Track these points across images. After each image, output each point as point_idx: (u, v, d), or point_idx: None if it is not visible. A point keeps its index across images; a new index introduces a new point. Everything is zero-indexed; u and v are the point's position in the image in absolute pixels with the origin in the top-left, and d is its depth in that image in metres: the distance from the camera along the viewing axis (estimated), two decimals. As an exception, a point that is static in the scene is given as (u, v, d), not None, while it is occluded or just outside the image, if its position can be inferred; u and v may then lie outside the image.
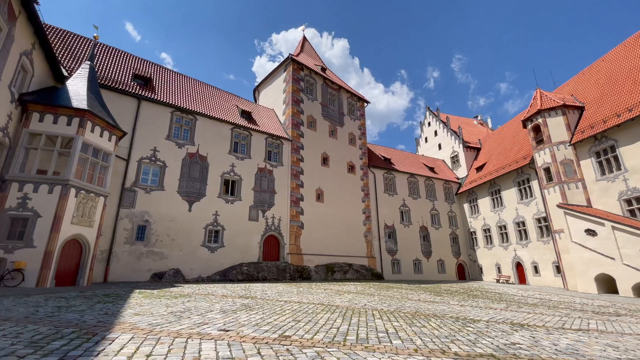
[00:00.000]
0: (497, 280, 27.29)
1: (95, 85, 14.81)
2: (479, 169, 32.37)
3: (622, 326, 7.26)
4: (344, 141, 28.31)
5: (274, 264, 20.39)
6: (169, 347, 3.57)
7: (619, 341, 5.47)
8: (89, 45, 19.22)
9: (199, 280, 17.35)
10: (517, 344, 4.82)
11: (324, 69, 30.84)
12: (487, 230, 29.83)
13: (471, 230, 31.94)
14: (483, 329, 5.96)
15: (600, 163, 19.56)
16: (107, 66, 18.86)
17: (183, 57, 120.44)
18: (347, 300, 10.10)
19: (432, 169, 35.04)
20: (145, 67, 21.48)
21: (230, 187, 20.46)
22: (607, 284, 17.77)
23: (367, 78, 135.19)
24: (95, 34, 16.89)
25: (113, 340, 3.78)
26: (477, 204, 31.27)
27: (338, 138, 27.90)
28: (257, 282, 18.02)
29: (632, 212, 17.69)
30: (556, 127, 21.82)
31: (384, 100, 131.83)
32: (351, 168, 27.96)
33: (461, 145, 36.42)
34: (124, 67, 19.82)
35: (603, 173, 19.37)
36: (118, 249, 15.72)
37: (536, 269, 24.28)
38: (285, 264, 20.89)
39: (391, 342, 4.41)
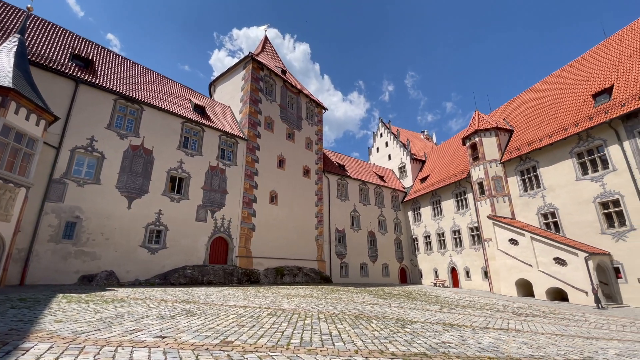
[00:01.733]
0: (434, 284, 29.42)
1: (24, 61, 12.98)
2: (423, 180, 34.79)
3: (536, 326, 8.32)
4: (300, 145, 28.44)
5: (220, 267, 19.60)
6: (94, 357, 3.27)
7: (533, 339, 6.25)
8: (21, 16, 16.84)
9: (136, 283, 15.98)
10: (447, 342, 5.27)
11: (284, 72, 30.75)
12: (427, 237, 32.07)
13: (414, 236, 34.08)
14: (419, 330, 6.41)
15: (523, 181, 22.28)
16: (41, 42, 16.64)
17: (132, 40, 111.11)
18: (294, 303, 10.12)
19: (381, 178, 36.77)
20: (87, 48, 19.41)
21: (177, 185, 19.25)
22: (526, 288, 20.20)
23: (327, 85, 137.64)
24: (29, 5, 14.75)
25: (27, 350, 3.35)
26: (420, 212, 33.50)
27: (295, 141, 27.94)
28: (202, 286, 17.17)
29: (547, 225, 20.40)
30: (490, 146, 24.43)
31: (342, 108, 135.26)
32: (307, 172, 28.16)
33: (409, 157, 38.84)
34: (61, 45, 17.67)
35: (525, 190, 22.08)
36: (40, 248, 13.82)
37: (468, 274, 26.70)
38: (233, 267, 20.21)
39: (334, 345, 4.55)
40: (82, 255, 14.85)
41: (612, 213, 16.92)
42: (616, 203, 16.75)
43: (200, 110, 22.33)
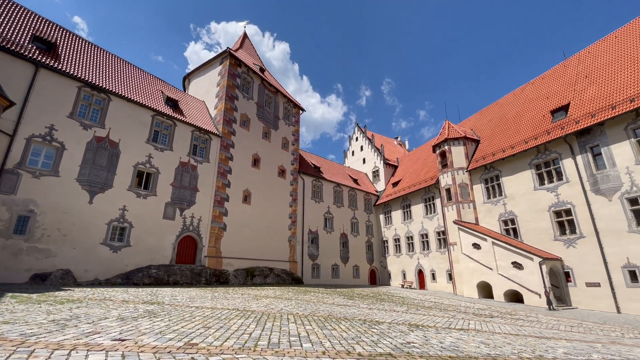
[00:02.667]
0: (402, 286, 30.28)
1: (-28, 38, 11.87)
2: (395, 184, 35.75)
3: (494, 326, 8.80)
4: (277, 145, 28.21)
5: (188, 267, 18.96)
6: (45, 361, 3.06)
7: (490, 339, 6.59)
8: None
9: (95, 283, 15.07)
10: (412, 343, 5.45)
11: (262, 70, 30.40)
12: (397, 240, 32.97)
13: (384, 239, 34.90)
14: (385, 330, 6.57)
15: (487, 188, 23.54)
16: (-4, 20, 15.30)
17: (102, 25, 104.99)
18: (264, 305, 10.01)
19: (355, 181, 37.34)
20: (50, 30, 18.09)
21: (144, 180, 18.40)
22: (486, 290, 21.32)
23: (305, 85, 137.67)
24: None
25: (-35, 357, 3.07)
26: (391, 216, 34.38)
27: (271, 141, 27.68)
28: (168, 286, 16.52)
29: (507, 231, 21.68)
30: (458, 155, 25.60)
31: (320, 110, 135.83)
32: (282, 172, 27.98)
33: (382, 161, 39.77)
34: (21, 26, 16.31)
35: (489, 197, 23.34)
36: (-16, 244, 12.67)
37: (434, 276, 27.74)
38: (202, 267, 19.62)
39: (302, 346, 4.56)
40: (35, 252, 13.78)
41: (565, 221, 18.31)
42: (568, 212, 18.15)
43: (172, 103, 21.53)
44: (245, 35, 33.86)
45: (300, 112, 32.36)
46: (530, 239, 19.87)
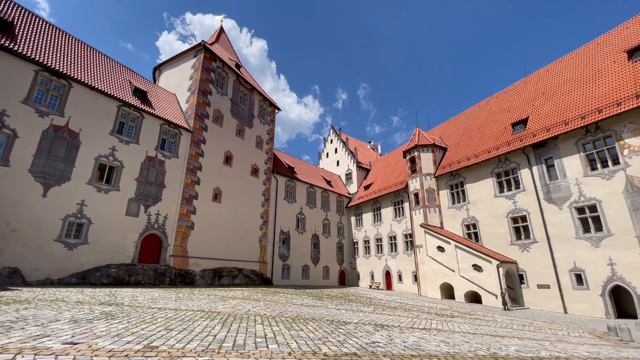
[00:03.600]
0: (370, 286, 30.93)
1: None
2: (367, 187, 36.50)
3: (454, 325, 9.23)
4: (251, 143, 27.76)
5: (151, 266, 18.12)
6: (-15, 368, 2.82)
7: (450, 338, 6.91)
8: None
9: (47, 283, 13.96)
10: (377, 342, 5.60)
11: (238, 66, 29.82)
12: (367, 242, 33.64)
13: (354, 240, 35.47)
14: (352, 330, 6.70)
15: (452, 194, 24.69)
16: None
17: (65, 6, 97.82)
18: (231, 306, 9.82)
19: (329, 182, 37.66)
20: (7, 8, 16.59)
21: (106, 174, 17.36)
22: (448, 291, 22.32)
23: (282, 85, 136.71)
24: None
25: None
26: (361, 218, 35.03)
27: (245, 139, 27.19)
28: (129, 286, 15.67)
29: (469, 235, 22.84)
30: (426, 161, 26.65)
31: (297, 110, 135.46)
32: (255, 171, 27.56)
33: (355, 164, 40.46)
34: (-33, -2, 14.84)
35: (454, 202, 24.48)
36: None
37: (400, 277, 28.60)
38: (166, 267, 18.83)
39: (267, 347, 4.54)
40: (-25, 248, 12.53)
41: (520, 227, 19.63)
42: (524, 219, 19.49)
43: (140, 94, 20.52)
44: (221, 29, 33.05)
45: (276, 111, 32.10)
46: (490, 242, 21.09)
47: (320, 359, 4.08)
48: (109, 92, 17.89)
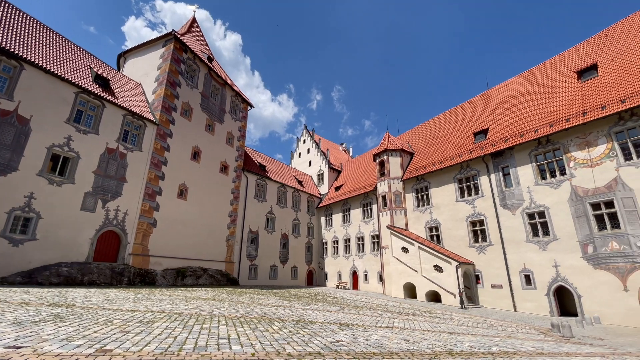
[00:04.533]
0: (337, 286, 31.33)
1: None
2: (338, 188, 36.97)
3: (415, 324, 9.61)
4: (221, 139, 27.01)
5: (108, 265, 17.04)
6: None
7: (410, 335, 7.19)
8: None
9: (-18, 283, 12.65)
10: (341, 341, 5.71)
11: (210, 59, 28.93)
12: (335, 242, 34.06)
13: (324, 240, 35.77)
14: (317, 330, 6.76)
15: (417, 198, 25.71)
16: None
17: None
18: (193, 307, 9.51)
19: (300, 182, 37.64)
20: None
21: (60, 165, 16.06)
22: (411, 291, 23.19)
23: (256, 81, 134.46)
24: None
25: None
26: (331, 218, 35.41)
27: (215, 134, 26.42)
28: (82, 287, 14.63)
29: (431, 237, 23.90)
30: (395, 165, 27.54)
31: (271, 108, 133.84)
32: (224, 168, 26.86)
33: (327, 165, 40.82)
34: None
35: (418, 205, 25.51)
36: None
37: (366, 277, 29.27)
38: (125, 266, 17.80)
39: (230, 348, 4.47)
40: None
41: (478, 231, 20.88)
42: (481, 223, 20.75)
43: (102, 82, 19.26)
44: (194, 20, 31.88)
45: (249, 107, 31.52)
46: (450, 244, 22.22)
47: (284, 359, 4.09)
48: (67, 77, 16.59)
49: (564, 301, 17.10)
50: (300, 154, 46.98)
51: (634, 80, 15.77)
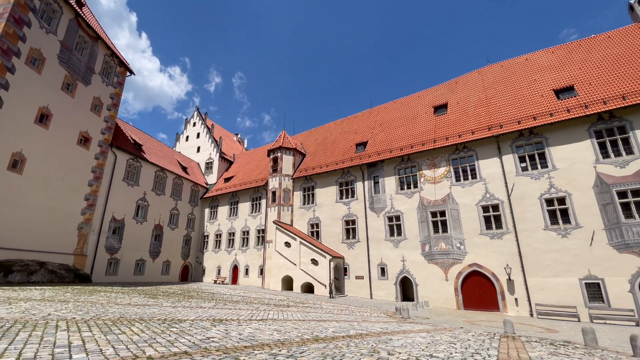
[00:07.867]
0: (215, 281, 30.13)
1: None
2: (227, 180, 35.55)
3: (288, 314, 10.22)
4: (84, 104, 22.05)
5: None
6: None
7: (283, 326, 7.59)
8: None
9: None
10: (212, 338, 5.59)
11: (81, 4, 23.30)
12: (218, 235, 32.67)
13: (205, 233, 33.77)
14: (186, 328, 6.43)
15: (304, 196, 27.33)
16: None
17: None
18: (20, 310, 7.60)
19: (185, 169, 34.40)
20: None
21: None
22: (289, 283, 24.42)
23: (143, 45, 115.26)
24: None
25: None
26: (217, 211, 33.77)
27: (76, 97, 21.39)
28: None
29: (312, 233, 25.80)
30: (287, 163, 28.52)
31: (158, 79, 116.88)
32: (85, 140, 22.04)
33: (218, 154, 38.63)
34: None
35: (304, 203, 27.13)
36: None
37: (247, 271, 29.21)
38: None
39: (71, 358, 3.84)
40: None
41: (350, 229, 23.77)
42: (353, 222, 23.70)
43: None
44: (59, -52, 24.95)
45: (128, 73, 26.82)
46: (327, 240, 24.53)
47: (142, 363, 3.80)
48: None
49: (406, 289, 21.25)
50: (188, 137, 42.84)
51: (469, 121, 21.01)
